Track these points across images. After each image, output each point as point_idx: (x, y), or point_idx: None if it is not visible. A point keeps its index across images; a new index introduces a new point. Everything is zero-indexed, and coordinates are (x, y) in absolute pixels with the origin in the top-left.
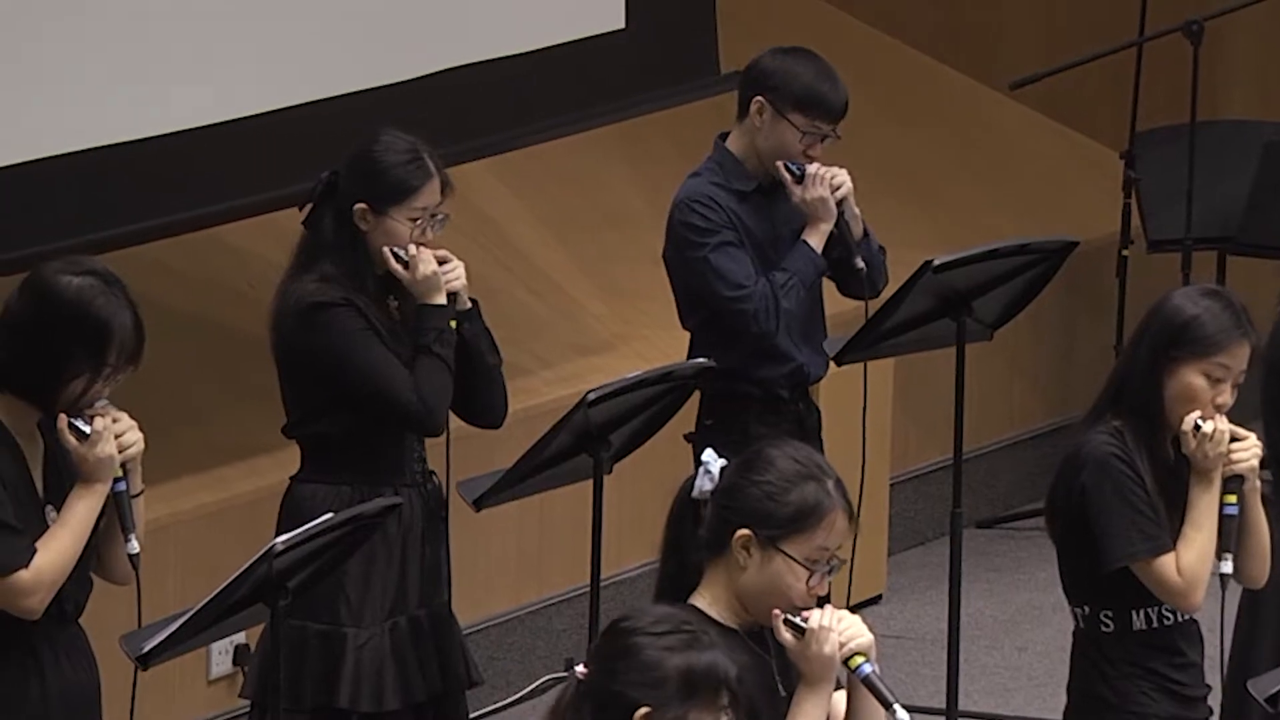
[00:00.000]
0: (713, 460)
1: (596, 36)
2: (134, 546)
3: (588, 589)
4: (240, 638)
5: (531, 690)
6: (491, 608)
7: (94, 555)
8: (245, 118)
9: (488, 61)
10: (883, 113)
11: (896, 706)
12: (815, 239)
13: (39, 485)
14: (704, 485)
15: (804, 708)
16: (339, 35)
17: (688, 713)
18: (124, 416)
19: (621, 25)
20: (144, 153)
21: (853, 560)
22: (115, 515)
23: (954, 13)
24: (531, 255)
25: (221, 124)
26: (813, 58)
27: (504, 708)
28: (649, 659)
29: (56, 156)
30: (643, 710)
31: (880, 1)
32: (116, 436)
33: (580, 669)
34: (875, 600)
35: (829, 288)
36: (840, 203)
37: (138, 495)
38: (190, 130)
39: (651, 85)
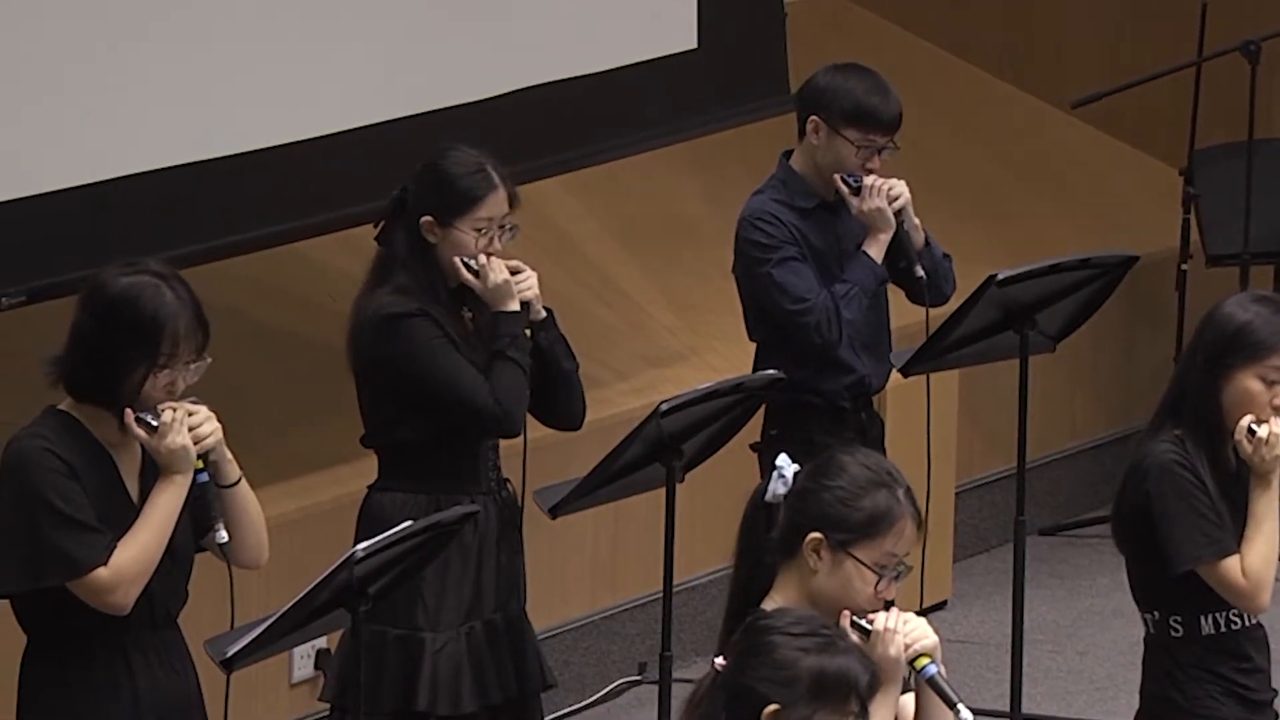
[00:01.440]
0: (786, 465)
1: (668, 56)
2: (223, 536)
3: (660, 595)
4: (321, 642)
5: (605, 694)
6: (567, 613)
7: (189, 560)
8: (326, 136)
9: (563, 81)
10: (947, 131)
11: (960, 707)
12: (874, 249)
13: (134, 492)
14: (777, 489)
15: (872, 709)
16: (416, 55)
17: (815, 714)
18: (200, 408)
19: (693, 45)
20: (226, 170)
21: (921, 567)
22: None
23: (1018, 33)
24: (605, 269)
25: (302, 142)
26: (865, 72)
27: (578, 711)
28: (783, 658)
29: (141, 174)
30: (771, 708)
31: (946, 22)
32: (192, 429)
33: (719, 661)
34: (941, 606)
35: (898, 299)
36: (899, 213)
37: (233, 484)
38: (272, 148)
39: (722, 104)
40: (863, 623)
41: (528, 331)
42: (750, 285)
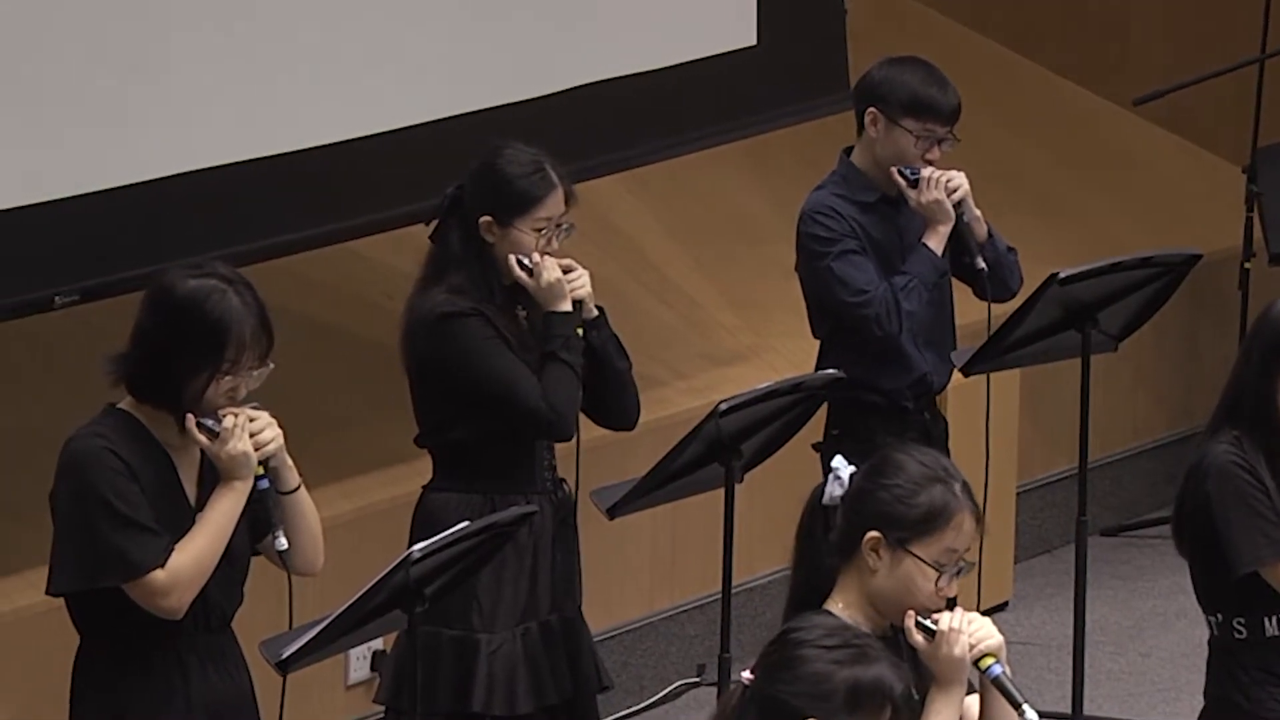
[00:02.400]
0: (842, 466)
1: (728, 53)
2: (282, 543)
3: (719, 596)
4: (377, 643)
5: (663, 696)
6: (625, 614)
7: (245, 564)
8: (382, 133)
9: (619, 78)
10: (1009, 128)
11: (1026, 707)
12: (934, 241)
13: (192, 494)
14: (834, 491)
15: (937, 709)
16: (472, 52)
17: None
18: (261, 414)
19: (753, 42)
20: (280, 168)
21: (980, 567)
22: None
23: (1080, 30)
24: (663, 267)
25: (358, 139)
26: (920, 64)
27: (636, 713)
28: (817, 671)
29: (194, 172)
30: None
31: (1008, 18)
32: (253, 435)
33: (746, 674)
34: (1002, 607)
35: (962, 297)
36: (958, 205)
37: (292, 491)
38: (328, 146)
39: (782, 101)
40: (927, 623)
41: (580, 331)
42: (811, 280)
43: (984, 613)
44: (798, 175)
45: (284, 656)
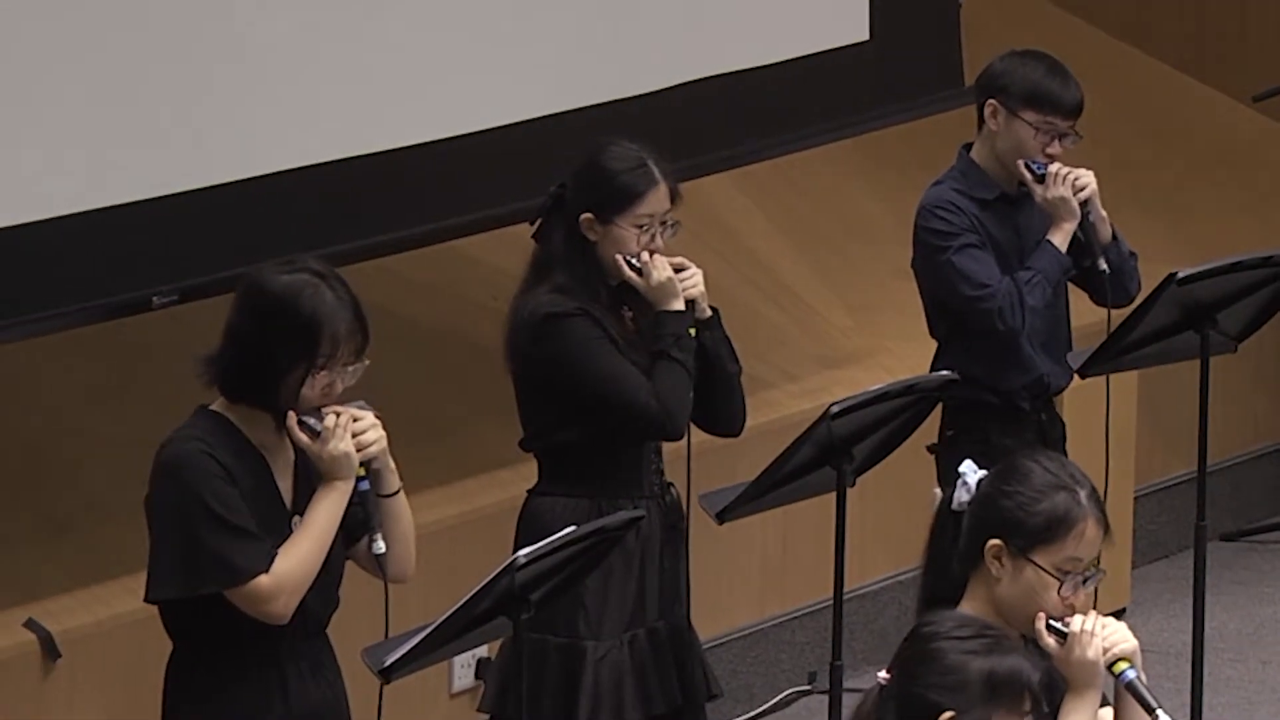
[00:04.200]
0: (970, 472)
1: (839, 49)
2: (380, 546)
3: (831, 602)
4: (482, 650)
5: (774, 704)
6: (734, 620)
7: (340, 567)
8: (485, 130)
9: (730, 74)
10: (1127, 124)
11: (1160, 712)
12: (1059, 238)
13: (286, 495)
14: (961, 497)
15: (1071, 715)
16: (579, 48)
17: (990, 716)
18: (366, 414)
19: (865, 37)
20: (382, 166)
21: None
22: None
23: (1199, 24)
24: (774, 267)
25: (461, 137)
26: (1043, 57)
27: None
28: (952, 663)
29: (295, 170)
30: (947, 714)
31: (1125, 12)
32: (356, 435)
33: (882, 675)
34: (1120, 613)
35: (1078, 299)
36: (1085, 204)
37: (393, 494)
38: (430, 143)
39: (895, 98)
40: (1059, 625)
41: (692, 331)
42: (929, 276)
43: None
44: (912, 173)
45: (387, 664)
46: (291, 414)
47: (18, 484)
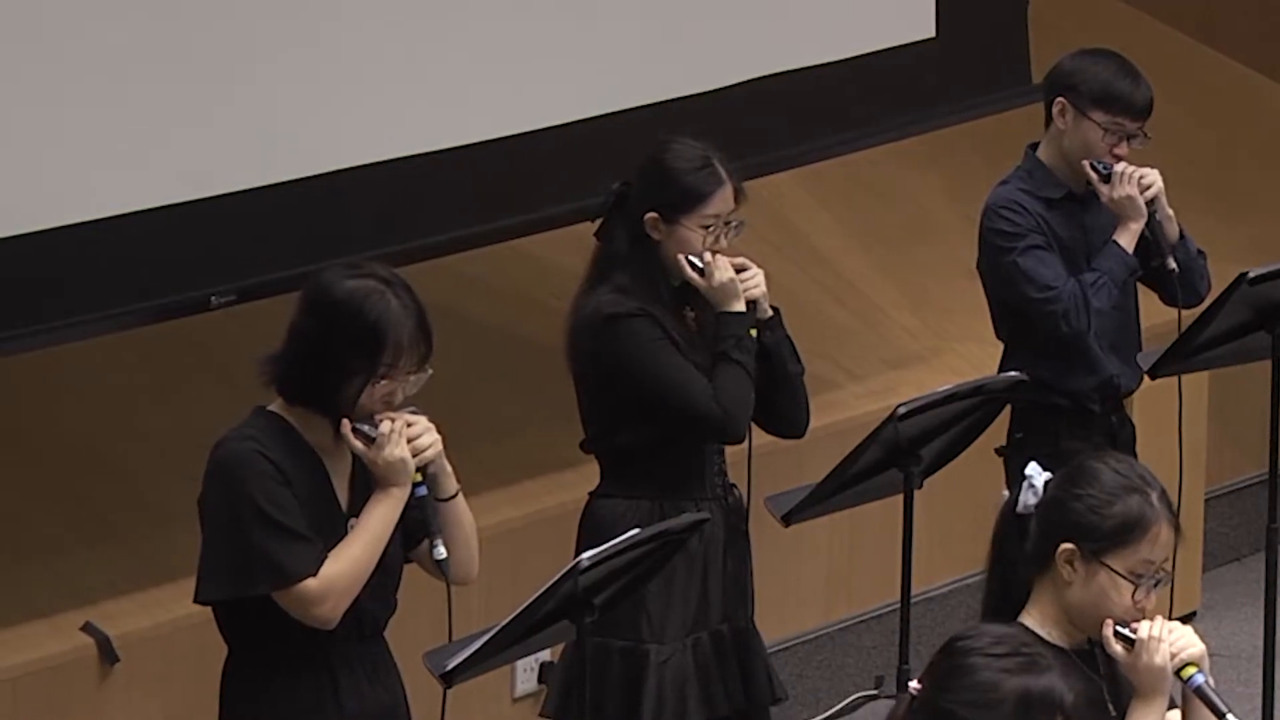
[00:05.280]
0: (1036, 474)
1: (905, 46)
2: (441, 551)
3: (898, 606)
4: (545, 654)
5: (841, 708)
6: (800, 624)
7: (399, 571)
8: (548, 128)
9: (793, 71)
10: (1198, 123)
11: (1230, 716)
12: (1125, 239)
13: (343, 498)
14: (1028, 500)
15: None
16: (641, 46)
17: None
18: (419, 419)
19: (931, 34)
20: (444, 164)
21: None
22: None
23: (1270, 22)
24: (840, 267)
25: (523, 134)
26: (1113, 56)
27: None
28: (985, 680)
29: (355, 168)
30: None
31: (1196, 10)
32: (410, 440)
33: (914, 685)
34: (1190, 617)
35: (1148, 299)
36: (1151, 203)
37: (450, 498)
38: (492, 141)
39: (961, 95)
40: (1126, 631)
41: (753, 332)
42: (995, 277)
43: None
44: (979, 172)
45: (449, 668)
46: (346, 421)
47: (75, 487)
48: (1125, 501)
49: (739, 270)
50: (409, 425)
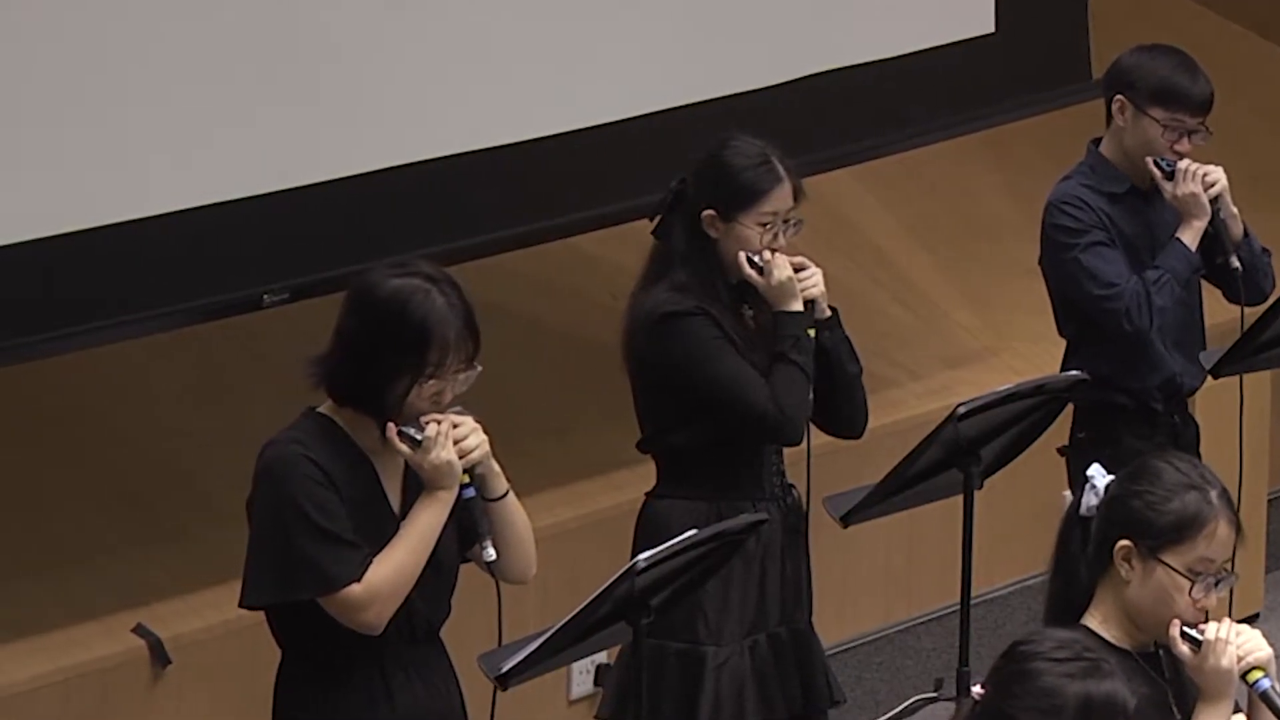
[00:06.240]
0: (1098, 475)
1: (964, 41)
2: (490, 553)
3: (957, 607)
4: (601, 656)
5: (899, 711)
6: (858, 626)
7: (453, 573)
8: (603, 125)
9: (852, 67)
10: (1260, 120)
11: None
12: (1188, 236)
13: (395, 501)
14: (1090, 501)
15: None
16: (698, 41)
17: None
18: (465, 420)
19: (991, 29)
20: (497, 161)
21: None
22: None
23: None
24: (899, 265)
25: (578, 131)
26: (1172, 52)
27: None
28: (1047, 685)
29: (408, 165)
30: None
31: (1260, 6)
32: (457, 442)
33: (977, 689)
34: (1253, 619)
35: (1212, 297)
36: (1215, 200)
37: (499, 498)
38: (546, 138)
39: (1021, 91)
40: (1193, 633)
41: (811, 332)
42: (1057, 274)
43: None
44: (1040, 168)
45: (504, 670)
46: (391, 425)
47: (127, 487)
48: (1183, 498)
49: (797, 269)
50: (455, 426)
